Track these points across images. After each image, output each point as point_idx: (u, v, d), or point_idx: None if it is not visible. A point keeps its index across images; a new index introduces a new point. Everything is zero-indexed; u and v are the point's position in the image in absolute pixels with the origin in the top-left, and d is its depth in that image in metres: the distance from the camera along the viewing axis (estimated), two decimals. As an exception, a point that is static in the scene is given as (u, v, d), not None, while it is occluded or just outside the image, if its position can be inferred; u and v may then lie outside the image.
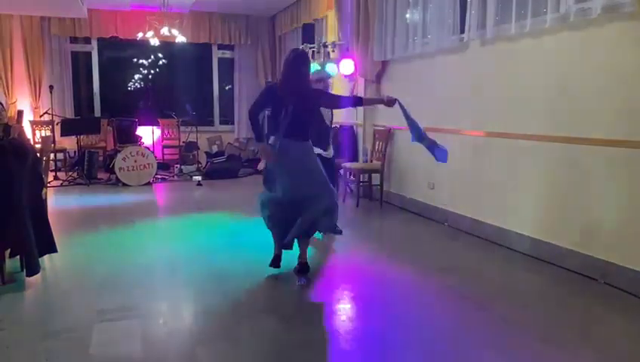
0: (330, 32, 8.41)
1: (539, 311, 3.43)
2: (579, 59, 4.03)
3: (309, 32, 8.57)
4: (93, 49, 10.58)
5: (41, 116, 9.47)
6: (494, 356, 2.82)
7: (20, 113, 9.43)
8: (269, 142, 3.95)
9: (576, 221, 4.08)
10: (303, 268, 4.03)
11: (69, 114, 10.14)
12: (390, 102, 3.98)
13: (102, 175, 8.97)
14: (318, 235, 4.58)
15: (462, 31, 5.35)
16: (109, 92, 10.99)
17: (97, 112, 10.66)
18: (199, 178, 8.72)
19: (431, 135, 5.97)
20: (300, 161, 3.89)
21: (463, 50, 5.38)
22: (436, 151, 4.01)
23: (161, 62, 10.63)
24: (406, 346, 2.96)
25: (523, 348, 2.90)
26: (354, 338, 3.08)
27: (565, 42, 4.15)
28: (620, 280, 3.69)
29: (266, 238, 4.32)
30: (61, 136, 8.87)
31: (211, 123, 11.41)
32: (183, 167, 9.64)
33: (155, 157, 8.71)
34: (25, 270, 3.82)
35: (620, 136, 3.68)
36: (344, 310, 3.48)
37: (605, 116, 3.81)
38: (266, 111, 4.31)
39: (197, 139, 10.02)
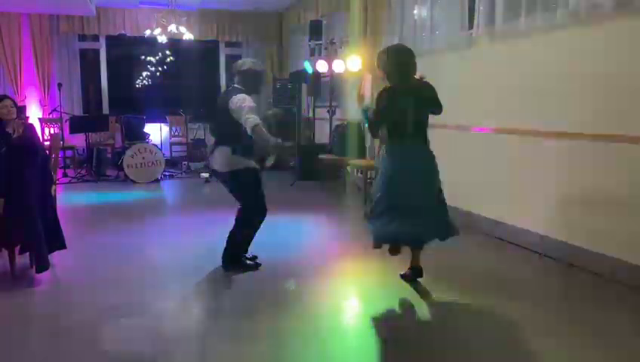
0: (338, 29, 8.39)
1: (550, 309, 3.41)
2: (590, 55, 3.99)
3: (317, 29, 8.54)
4: (102, 47, 10.63)
5: (49, 114, 9.52)
6: (506, 355, 2.81)
7: (20, 109, 9.40)
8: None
9: (586, 218, 4.05)
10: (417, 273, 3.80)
11: (78, 111, 10.19)
12: None
13: (110, 172, 9.01)
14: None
15: (470, 27, 5.32)
16: (117, 89, 11.02)
17: (105, 110, 10.70)
18: (207, 175, 8.73)
19: (438, 132, 5.97)
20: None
21: (471, 46, 5.34)
22: None
23: (168, 60, 10.64)
24: (413, 346, 2.95)
25: (534, 347, 2.88)
26: (359, 337, 3.07)
27: (576, 38, 4.11)
28: (631, 278, 3.66)
29: (271, 236, 4.31)
30: (70, 133, 8.91)
31: (219, 120, 11.42)
32: (190, 163, 9.66)
33: (163, 154, 8.73)
34: (34, 266, 3.85)
35: (632, 133, 3.64)
36: (351, 308, 3.47)
37: (616, 113, 3.78)
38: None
39: (205, 135, 10.04)
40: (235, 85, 4.01)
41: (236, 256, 4.13)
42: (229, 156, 3.92)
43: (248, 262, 4.17)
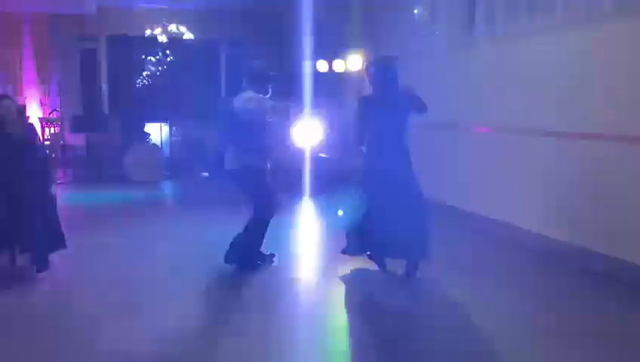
0: (339, 28, 8.38)
1: (551, 308, 3.41)
2: (589, 56, 3.99)
3: (317, 28, 8.53)
4: (102, 46, 10.62)
5: (50, 113, 9.52)
6: (502, 352, 2.81)
7: (22, 109, 9.33)
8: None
9: (586, 217, 4.05)
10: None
11: (78, 111, 10.18)
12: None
13: (110, 171, 9.00)
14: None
15: (471, 27, 5.32)
16: (118, 89, 11.01)
17: (106, 109, 10.69)
18: (207, 174, 8.73)
19: (440, 132, 5.98)
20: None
21: (471, 46, 5.34)
22: None
23: (169, 59, 10.62)
24: (410, 341, 2.95)
25: (534, 347, 2.88)
26: (358, 335, 3.08)
27: (576, 38, 4.11)
28: (633, 277, 3.66)
29: (274, 234, 4.32)
30: (70, 133, 8.91)
31: (219, 119, 11.42)
32: (190, 163, 9.66)
33: (163, 153, 8.73)
34: (35, 266, 3.85)
35: (632, 132, 3.64)
36: (351, 306, 3.47)
37: (617, 112, 3.78)
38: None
39: (204, 135, 10.03)
40: (245, 86, 4.12)
41: (247, 254, 4.14)
42: (241, 154, 4.01)
43: (259, 262, 4.20)
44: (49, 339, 2.95)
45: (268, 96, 4.11)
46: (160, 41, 9.41)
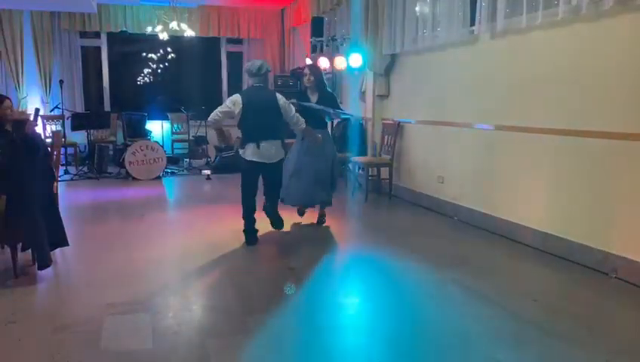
0: (340, 26, 8.37)
1: (549, 305, 3.41)
2: (591, 52, 3.98)
3: (318, 26, 8.52)
4: (103, 44, 10.63)
5: (51, 111, 9.53)
6: (503, 351, 2.81)
7: (37, 111, 9.29)
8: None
9: (587, 215, 4.05)
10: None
11: (79, 108, 10.19)
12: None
13: (112, 169, 9.02)
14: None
15: (472, 23, 5.30)
16: (119, 86, 11.02)
17: (107, 107, 10.70)
18: (208, 172, 8.74)
19: (441, 129, 5.95)
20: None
21: (473, 43, 5.33)
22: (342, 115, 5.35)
23: (170, 57, 10.63)
24: (413, 340, 2.96)
25: (533, 343, 2.88)
26: (361, 331, 3.08)
27: (577, 34, 4.10)
28: (632, 274, 3.66)
29: (275, 231, 4.34)
30: (71, 130, 8.92)
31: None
32: (192, 161, 9.67)
33: (165, 151, 8.73)
34: (36, 263, 3.86)
35: (632, 130, 3.63)
36: (352, 303, 3.48)
37: (618, 109, 3.77)
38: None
39: (206, 133, 10.04)
40: (259, 84, 4.59)
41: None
42: (280, 147, 4.62)
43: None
44: (50, 337, 2.96)
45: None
46: (161, 38, 9.39)
